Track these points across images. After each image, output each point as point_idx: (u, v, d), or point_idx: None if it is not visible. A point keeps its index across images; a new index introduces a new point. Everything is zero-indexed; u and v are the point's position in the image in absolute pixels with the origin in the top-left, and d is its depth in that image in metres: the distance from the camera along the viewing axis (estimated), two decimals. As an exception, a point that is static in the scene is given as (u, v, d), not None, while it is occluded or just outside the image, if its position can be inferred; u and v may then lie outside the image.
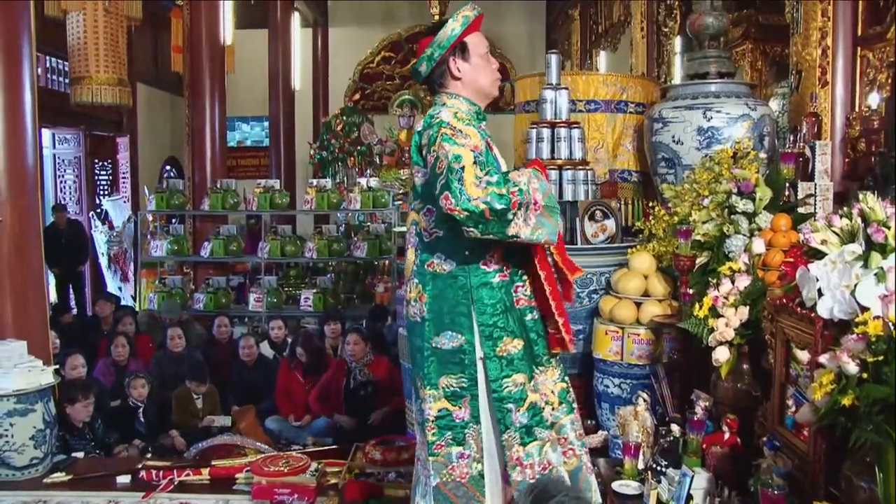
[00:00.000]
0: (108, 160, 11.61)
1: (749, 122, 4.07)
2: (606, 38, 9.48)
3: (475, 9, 2.58)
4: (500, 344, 2.47)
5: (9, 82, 4.20)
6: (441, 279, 2.49)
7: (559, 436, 2.56)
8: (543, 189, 2.37)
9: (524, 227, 2.30)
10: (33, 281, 4.33)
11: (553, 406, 2.55)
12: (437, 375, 2.50)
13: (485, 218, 2.24)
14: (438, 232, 2.48)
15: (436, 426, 2.51)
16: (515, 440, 2.49)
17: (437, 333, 2.49)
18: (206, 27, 8.27)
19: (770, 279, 2.79)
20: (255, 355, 6.36)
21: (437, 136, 2.36)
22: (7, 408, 3.77)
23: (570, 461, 2.58)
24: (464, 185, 2.23)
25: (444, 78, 2.56)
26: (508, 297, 2.49)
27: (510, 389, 2.47)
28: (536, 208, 2.33)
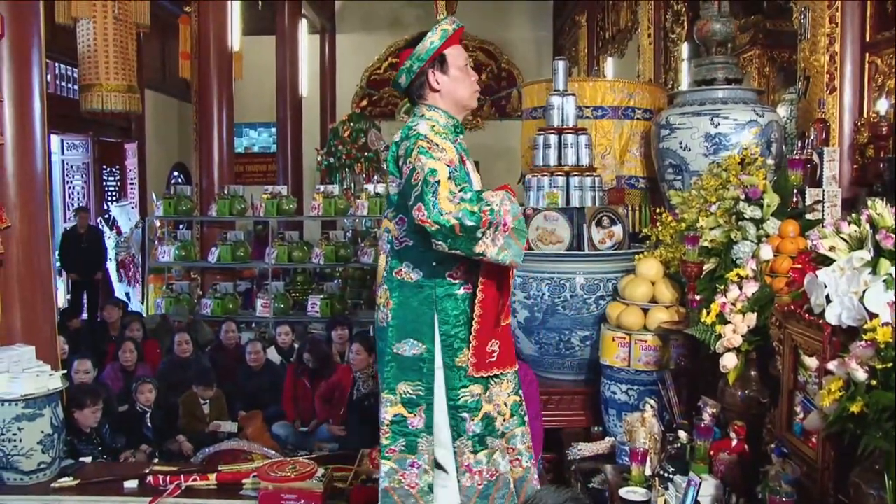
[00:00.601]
0: (116, 166, 11.66)
1: (757, 129, 4.06)
2: (613, 45, 9.49)
3: (455, 22, 2.63)
4: (459, 355, 2.52)
5: (18, 89, 4.22)
6: (408, 287, 2.54)
7: (508, 445, 2.65)
8: (514, 212, 2.41)
9: (491, 247, 2.35)
10: (42, 286, 4.35)
11: (505, 417, 2.63)
12: (396, 381, 2.56)
13: (454, 233, 2.29)
14: (409, 241, 2.54)
15: (390, 430, 2.57)
16: (467, 448, 2.55)
17: (399, 340, 2.55)
18: (214, 33, 8.30)
19: (778, 286, 2.78)
20: (263, 361, 6.37)
21: (414, 147, 2.41)
22: (15, 412, 3.78)
23: (517, 470, 2.67)
24: (438, 199, 2.28)
25: (423, 90, 2.61)
26: (471, 310, 2.53)
27: (466, 399, 2.53)
28: (506, 230, 2.38)
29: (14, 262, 4.19)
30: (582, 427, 4.01)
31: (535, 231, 4.07)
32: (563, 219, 4.05)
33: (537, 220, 4.07)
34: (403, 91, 2.66)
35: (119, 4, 5.94)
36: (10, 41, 4.17)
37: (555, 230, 4.05)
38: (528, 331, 4.13)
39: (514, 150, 7.71)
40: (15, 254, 4.20)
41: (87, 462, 4.18)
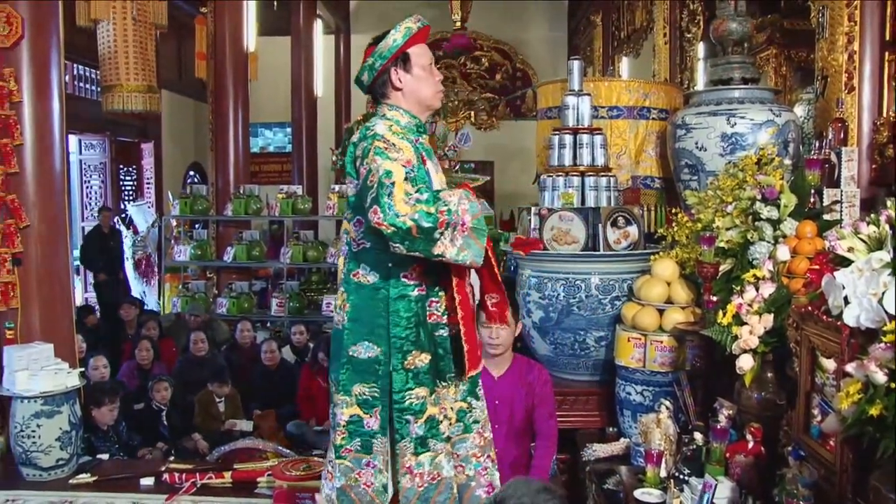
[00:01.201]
0: (132, 166, 11.74)
1: (774, 128, 4.03)
2: (629, 44, 9.45)
3: (419, 21, 2.61)
4: (408, 357, 2.51)
5: (38, 90, 4.27)
6: (364, 290, 2.53)
7: (453, 451, 2.62)
8: (473, 211, 2.39)
9: (450, 247, 2.34)
10: (60, 284, 4.39)
11: (451, 421, 2.61)
12: (352, 383, 2.54)
13: (411, 235, 2.27)
14: (366, 243, 2.51)
15: (346, 431, 2.55)
16: (409, 450, 2.54)
17: (354, 343, 2.53)
18: (229, 34, 8.35)
19: (795, 287, 2.76)
20: (278, 360, 6.40)
21: (370, 148, 2.39)
22: (34, 409, 3.82)
23: (460, 476, 2.64)
24: (393, 201, 2.26)
25: (385, 88, 2.59)
26: (423, 312, 2.53)
27: (411, 402, 2.51)
28: (464, 229, 2.35)
29: (33, 261, 4.24)
30: (597, 428, 4.00)
31: (550, 231, 4.06)
32: (579, 219, 4.04)
33: (552, 221, 4.07)
34: (366, 89, 2.64)
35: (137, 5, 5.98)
36: (29, 43, 4.22)
37: (570, 230, 4.04)
38: (542, 331, 4.13)
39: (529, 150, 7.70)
40: (34, 253, 4.25)
41: (105, 459, 4.21)
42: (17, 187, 4.20)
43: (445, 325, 2.57)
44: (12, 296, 4.18)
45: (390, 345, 2.49)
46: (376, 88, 2.61)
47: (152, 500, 3.65)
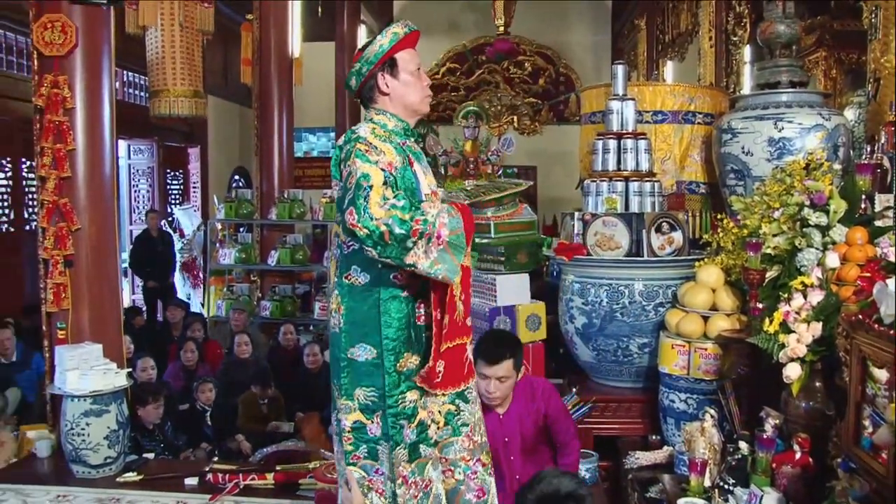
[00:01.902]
0: (179, 170, 11.95)
1: (823, 133, 3.96)
2: (673, 48, 9.35)
3: (407, 26, 2.59)
4: (400, 359, 2.48)
5: (90, 97, 4.37)
6: (357, 291, 2.50)
7: (441, 455, 2.56)
8: (452, 226, 2.36)
9: (423, 259, 2.30)
10: (109, 286, 4.49)
11: (438, 425, 2.56)
12: (353, 387, 2.51)
13: (384, 240, 2.25)
14: (355, 245, 2.46)
15: (352, 436, 2.53)
16: (404, 457, 2.50)
17: (352, 345, 2.50)
18: (274, 40, 8.45)
19: (845, 294, 2.71)
20: (320, 363, 6.44)
21: (352, 151, 2.38)
22: (84, 408, 3.91)
23: (449, 481, 2.58)
24: (368, 204, 2.25)
25: (372, 93, 2.58)
26: (413, 313, 2.50)
27: (404, 406, 2.48)
28: (440, 243, 2.32)
29: (83, 263, 4.34)
30: (639, 435, 3.96)
31: (593, 237, 4.04)
32: (622, 224, 4.01)
33: (596, 226, 4.04)
34: (355, 94, 2.64)
35: (184, 12, 6.09)
36: (83, 51, 4.32)
37: (613, 236, 4.01)
38: (585, 337, 4.10)
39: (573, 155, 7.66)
40: (84, 255, 4.35)
41: (150, 458, 4.29)
42: (69, 191, 4.31)
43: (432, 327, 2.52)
44: (64, 297, 4.28)
45: (383, 346, 2.47)
46: (364, 93, 2.61)
47: (196, 499, 3.72)
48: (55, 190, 4.26)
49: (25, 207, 8.26)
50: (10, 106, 7.87)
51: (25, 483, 3.88)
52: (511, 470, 3.21)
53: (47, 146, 4.25)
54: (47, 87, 4.25)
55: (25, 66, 8.05)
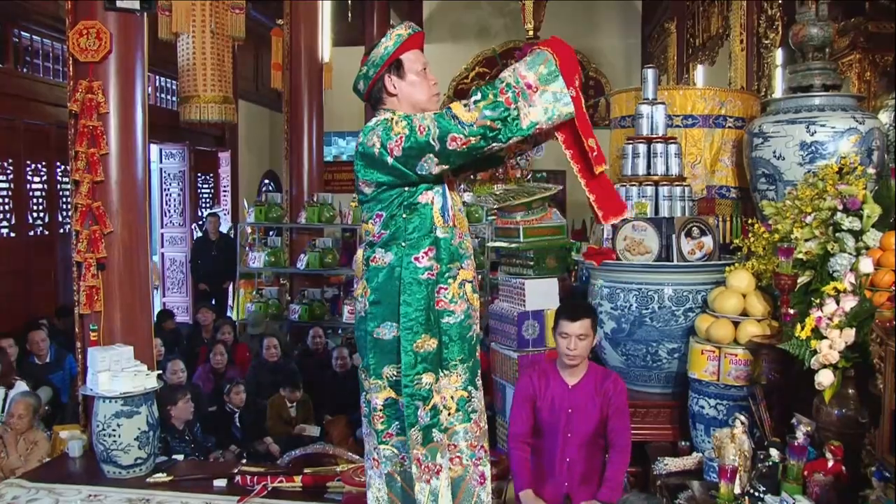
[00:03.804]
0: (210, 174, 12.07)
1: (856, 136, 3.90)
2: (704, 52, 9.28)
3: (410, 27, 2.63)
4: (417, 339, 2.51)
5: (123, 102, 4.44)
6: (382, 272, 2.55)
7: (450, 441, 2.59)
8: (532, 67, 2.41)
9: (534, 113, 2.38)
10: (140, 289, 4.54)
11: (450, 411, 2.58)
12: (380, 366, 2.56)
13: (494, 130, 2.34)
14: (385, 233, 2.55)
15: (384, 415, 2.58)
16: (418, 440, 2.53)
17: (378, 325, 2.55)
18: (305, 45, 8.51)
19: (879, 300, 2.67)
20: (349, 366, 6.48)
21: (390, 123, 2.45)
22: (115, 409, 3.96)
23: (456, 468, 2.61)
24: (459, 117, 2.34)
25: (381, 94, 2.63)
26: (431, 297, 2.53)
27: (420, 387, 2.51)
28: (534, 90, 2.38)
29: (115, 266, 4.40)
30: (668, 441, 3.93)
31: (622, 241, 4.01)
32: (652, 229, 3.98)
33: (625, 231, 4.02)
34: (363, 98, 2.70)
35: (216, 19, 6.15)
36: (116, 57, 4.39)
37: (643, 240, 3.98)
38: (614, 342, 4.08)
39: (601, 159, 7.62)
40: (116, 258, 4.40)
41: (180, 460, 4.33)
42: (102, 195, 4.37)
43: (452, 313, 2.57)
44: (96, 299, 4.34)
45: (401, 325, 2.51)
46: (373, 96, 2.66)
47: (224, 501, 3.74)
48: (88, 193, 4.33)
49: (60, 211, 8.40)
50: (46, 111, 8.02)
51: (58, 482, 3.93)
52: (565, 450, 3.28)
53: (81, 150, 4.32)
54: (82, 92, 4.32)
55: (61, 72, 8.20)
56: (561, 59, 2.43)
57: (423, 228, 2.53)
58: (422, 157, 2.41)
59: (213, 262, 9.68)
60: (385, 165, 2.46)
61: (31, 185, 8.04)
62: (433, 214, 2.55)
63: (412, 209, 2.53)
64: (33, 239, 8.03)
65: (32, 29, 8.06)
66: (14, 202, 7.75)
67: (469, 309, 2.62)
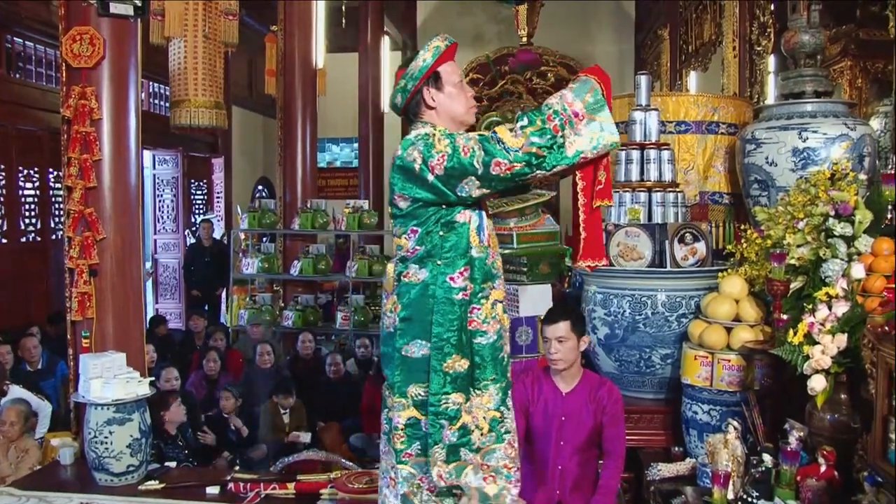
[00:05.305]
0: (203, 180, 12.06)
1: (848, 143, 3.92)
2: (697, 58, 9.31)
3: (447, 39, 2.62)
4: (447, 360, 2.48)
5: (116, 108, 4.42)
6: (415, 288, 2.53)
7: (483, 461, 2.55)
8: (580, 95, 2.42)
9: (580, 143, 2.39)
10: (133, 295, 4.53)
11: (482, 432, 2.55)
12: (406, 384, 2.53)
13: (539, 157, 2.34)
14: (419, 248, 2.52)
15: (405, 434, 2.54)
16: (441, 457, 2.50)
17: (407, 342, 2.52)
18: (298, 51, 8.51)
19: (870, 306, 2.68)
20: (342, 373, 6.47)
21: (432, 139, 2.44)
22: (107, 416, 3.94)
23: (491, 486, 2.57)
24: (505, 142, 2.34)
25: (419, 108, 2.61)
26: (464, 317, 2.51)
27: (447, 406, 2.48)
28: (580, 119, 2.40)
29: (108, 273, 4.38)
30: (661, 447, 3.93)
31: (616, 247, 4.02)
32: (645, 235, 3.99)
33: (619, 237, 4.02)
34: (400, 111, 2.67)
35: (208, 24, 6.14)
36: (110, 63, 4.38)
37: (636, 246, 3.99)
38: (607, 348, 4.08)
39: (594, 165, 7.64)
40: (108, 264, 4.39)
41: (172, 467, 4.31)
42: (94, 201, 4.36)
43: (484, 333, 2.55)
44: (88, 306, 4.32)
45: (432, 344, 2.49)
46: (410, 109, 2.64)
47: (217, 508, 3.73)
48: (81, 200, 4.31)
49: (52, 217, 8.38)
50: (38, 117, 8.00)
51: (49, 490, 3.91)
52: (557, 457, 3.25)
53: (74, 156, 4.30)
54: (75, 98, 4.31)
55: (54, 78, 8.18)
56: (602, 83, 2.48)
57: (460, 247, 2.51)
58: (463, 178, 2.40)
59: (206, 268, 9.68)
60: (425, 182, 2.44)
61: (23, 191, 8.02)
62: (470, 233, 2.52)
63: (449, 227, 2.51)
64: (25, 245, 8.01)
65: (25, 34, 8.05)
66: (6, 208, 7.74)
67: (501, 329, 2.60)
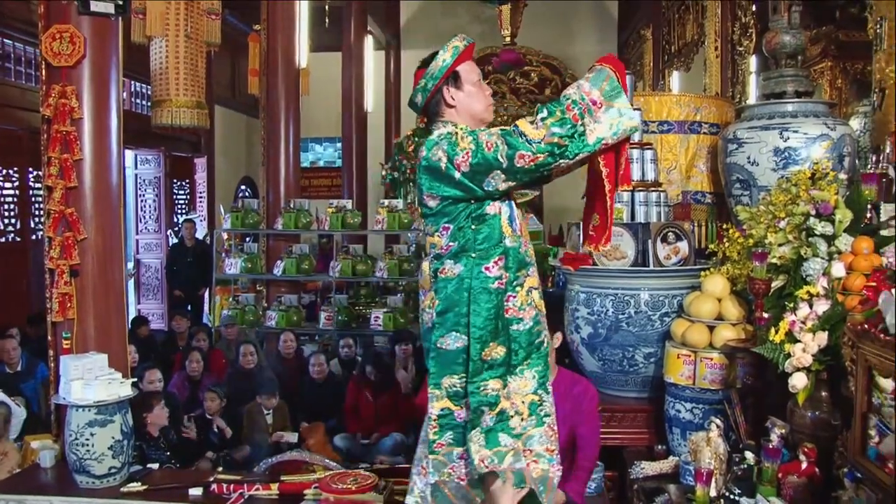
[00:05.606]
0: (186, 180, 12.00)
1: (828, 142, 3.95)
2: (679, 58, 9.36)
3: (465, 39, 2.67)
4: (486, 348, 2.53)
5: (97, 107, 4.38)
6: (450, 283, 2.58)
7: (525, 447, 2.58)
8: (596, 83, 2.46)
9: (601, 130, 2.42)
10: (114, 296, 4.48)
11: (522, 416, 2.59)
12: (440, 376, 2.58)
13: (561, 147, 2.38)
14: (453, 244, 2.59)
15: (438, 425, 2.59)
16: (481, 441, 2.53)
17: (442, 334, 2.57)
18: (282, 51, 8.47)
19: (850, 304, 2.70)
20: (326, 373, 6.45)
21: (455, 138, 2.49)
22: (88, 418, 3.90)
23: (536, 468, 2.60)
24: (527, 135, 2.38)
25: (439, 107, 2.66)
26: (500, 306, 2.56)
27: (486, 393, 2.53)
28: (598, 106, 2.42)
29: (89, 273, 4.34)
30: (645, 445, 3.95)
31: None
32: (628, 234, 4.00)
33: (600, 235, 4.03)
34: (420, 110, 2.72)
35: (191, 23, 6.10)
36: (90, 61, 4.33)
37: (619, 246, 4.00)
38: (591, 347, 4.09)
39: (578, 165, 7.66)
40: (90, 265, 4.34)
41: (154, 469, 4.28)
42: (75, 201, 4.31)
43: (520, 320, 2.59)
44: (69, 307, 4.28)
45: (470, 335, 2.53)
46: (430, 108, 2.68)
47: (200, 510, 3.70)
48: (62, 200, 4.27)
49: (32, 217, 8.30)
50: (18, 116, 7.93)
51: (28, 494, 3.86)
52: None
53: (54, 156, 4.26)
54: (55, 97, 4.26)
55: (33, 77, 8.11)
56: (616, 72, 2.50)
57: (493, 239, 2.56)
58: (489, 173, 2.45)
59: (188, 268, 9.63)
60: (452, 180, 2.50)
61: (2, 191, 7.95)
62: (502, 224, 2.58)
63: (481, 220, 2.57)
64: (5, 245, 7.93)
65: (4, 32, 7.97)
66: (-14, 208, 7.66)
67: (538, 315, 2.65)
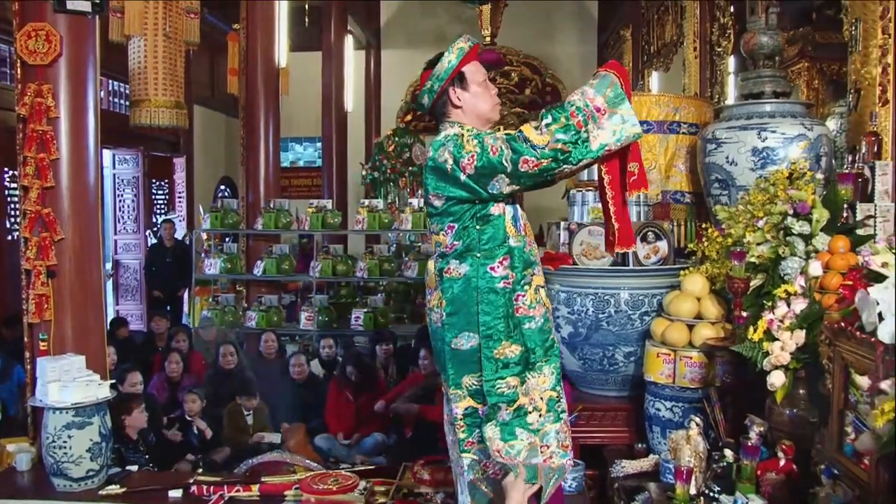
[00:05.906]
0: (164, 180, 11.90)
1: (805, 142, 3.99)
2: (659, 59, 9.42)
3: (470, 40, 2.70)
4: (497, 346, 2.56)
5: (74, 106, 4.33)
6: (457, 283, 2.61)
7: (542, 443, 2.63)
8: (600, 90, 2.46)
9: (604, 136, 2.43)
10: (92, 297, 4.45)
11: (541, 413, 2.63)
12: (460, 376, 2.62)
13: (565, 153, 2.40)
14: (458, 244, 2.62)
15: (464, 424, 2.64)
16: (497, 434, 2.57)
17: (455, 335, 2.61)
18: (261, 50, 8.43)
19: (827, 302, 2.73)
20: (306, 373, 6.43)
21: (461, 140, 2.53)
22: (66, 420, 3.86)
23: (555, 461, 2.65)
24: (531, 140, 2.41)
25: (445, 107, 2.69)
26: (510, 305, 2.59)
27: (502, 391, 2.57)
28: (602, 113, 2.44)
29: (66, 274, 4.30)
30: (625, 444, 3.96)
31: (579, 246, 4.04)
32: (607, 233, 4.01)
33: (581, 236, 4.05)
34: (427, 111, 2.75)
35: (170, 22, 6.06)
36: (67, 60, 4.29)
37: (599, 245, 4.02)
38: (571, 346, 4.10)
39: (558, 165, 7.69)
40: (67, 265, 4.30)
41: (133, 471, 4.25)
42: (52, 201, 4.27)
43: (532, 318, 2.62)
44: (46, 308, 4.23)
45: (480, 333, 2.56)
46: (437, 109, 2.71)
47: (180, 511, 3.68)
48: (38, 200, 4.22)
49: (7, 217, 8.20)
50: (-7, 115, 7.82)
51: (4, 497, 3.83)
52: None
53: (30, 156, 4.21)
54: (31, 96, 4.22)
55: (8, 75, 8.01)
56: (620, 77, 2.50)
57: (497, 239, 2.60)
58: (494, 176, 2.48)
59: (168, 269, 9.57)
60: (457, 181, 2.53)
61: (-22, 191, 7.85)
62: (506, 224, 2.62)
63: (485, 220, 2.60)
64: (-20, 246, 7.83)
65: (-22, 31, 7.87)
66: (-40, 209, 7.56)
67: (546, 312, 2.69)
